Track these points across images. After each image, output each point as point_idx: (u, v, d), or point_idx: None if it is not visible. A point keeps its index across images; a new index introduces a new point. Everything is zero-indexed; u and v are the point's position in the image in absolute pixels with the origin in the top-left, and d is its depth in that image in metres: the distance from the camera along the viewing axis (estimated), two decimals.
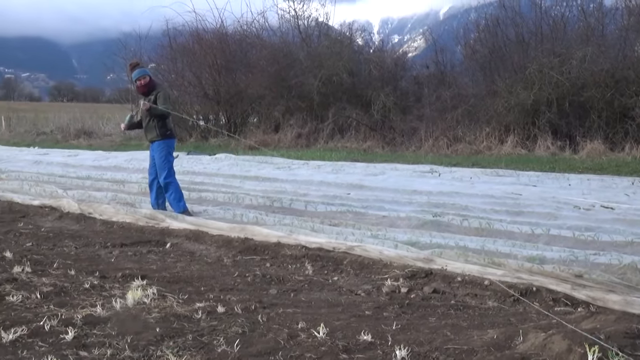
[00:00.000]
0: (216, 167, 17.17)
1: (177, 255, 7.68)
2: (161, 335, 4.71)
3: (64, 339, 4.63)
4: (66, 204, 10.72)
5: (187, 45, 29.81)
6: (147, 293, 5.68)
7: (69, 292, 5.91)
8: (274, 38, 30.17)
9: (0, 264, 6.99)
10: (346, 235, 8.31)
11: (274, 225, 9.13)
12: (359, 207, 10.70)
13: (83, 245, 8.18)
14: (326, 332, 4.70)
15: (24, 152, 23.55)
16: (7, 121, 38.88)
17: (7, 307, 5.43)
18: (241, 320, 5.05)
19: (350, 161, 18.65)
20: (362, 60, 28.07)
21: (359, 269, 6.84)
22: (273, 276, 6.60)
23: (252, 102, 27.75)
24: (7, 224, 9.66)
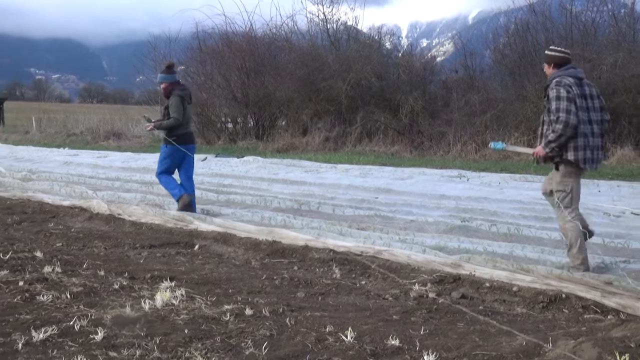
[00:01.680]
0: (244, 170, 17.22)
1: (205, 257, 7.70)
2: (190, 337, 4.73)
3: (94, 339, 4.66)
4: (96, 205, 10.79)
5: (217, 48, 29.92)
6: (176, 294, 5.70)
7: (98, 293, 5.95)
8: (303, 41, 30.20)
9: (31, 263, 7.05)
10: (374, 240, 8.30)
11: (302, 228, 9.14)
12: (387, 211, 10.68)
13: (112, 246, 8.23)
14: (354, 336, 4.70)
15: (55, 153, 23.73)
16: (37, 122, 39.17)
17: (38, 306, 5.48)
18: (269, 323, 5.06)
19: (378, 165, 18.63)
20: (391, 64, 28.04)
21: (387, 273, 6.83)
22: (301, 279, 6.61)
23: (280, 105, 27.80)
24: (38, 224, 9.74)
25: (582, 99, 7.10)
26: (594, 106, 7.19)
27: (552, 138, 6.96)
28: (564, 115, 6.86)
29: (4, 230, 9.18)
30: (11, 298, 5.69)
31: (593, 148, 7.05)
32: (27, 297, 5.71)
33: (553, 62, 7.37)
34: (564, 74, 7.19)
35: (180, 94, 10.66)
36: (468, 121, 23.29)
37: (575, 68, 7.41)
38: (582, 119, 6.98)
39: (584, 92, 7.18)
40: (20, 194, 12.48)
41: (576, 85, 7.12)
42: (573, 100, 6.94)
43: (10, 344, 4.56)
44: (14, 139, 32.50)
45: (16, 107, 57.48)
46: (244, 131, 28.60)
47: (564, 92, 6.95)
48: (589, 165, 7.07)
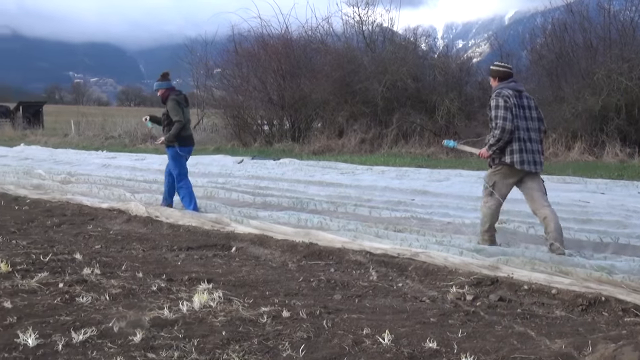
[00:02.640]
0: (280, 172, 17.26)
1: (242, 260, 7.72)
2: (227, 339, 4.75)
3: (132, 340, 4.70)
4: (134, 207, 10.87)
5: (253, 50, 30.07)
6: (213, 297, 5.73)
7: (136, 295, 6.00)
8: (339, 43, 30.25)
9: (71, 265, 7.13)
10: (410, 242, 8.28)
11: (339, 230, 9.14)
12: (424, 213, 10.65)
13: (150, 248, 8.28)
14: (391, 339, 4.69)
15: (93, 156, 23.96)
16: (76, 125, 39.61)
17: (77, 308, 5.53)
18: (306, 325, 5.06)
19: (414, 167, 18.58)
20: (427, 65, 28.01)
21: (424, 275, 6.80)
22: (337, 281, 6.60)
23: (316, 107, 27.84)
24: (77, 226, 9.85)
25: (521, 109, 8.09)
26: (531, 116, 8.21)
27: (492, 142, 8.05)
28: (501, 122, 7.89)
29: (44, 233, 9.29)
30: (51, 299, 5.75)
31: (529, 151, 8.06)
32: (67, 299, 5.77)
33: (497, 75, 8.38)
34: (505, 87, 8.16)
35: (176, 98, 11.17)
36: None
37: (515, 82, 8.41)
38: (520, 126, 8.01)
39: (523, 104, 8.16)
40: (60, 196, 12.61)
41: (515, 96, 8.08)
42: (510, 109, 7.92)
43: (51, 345, 4.61)
44: (54, 142, 32.89)
45: (55, 111, 58.15)
46: (280, 133, 28.69)
47: (502, 101, 7.94)
48: (526, 167, 8.04)
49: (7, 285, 6.22)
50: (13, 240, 8.59)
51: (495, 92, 8.17)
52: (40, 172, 17.37)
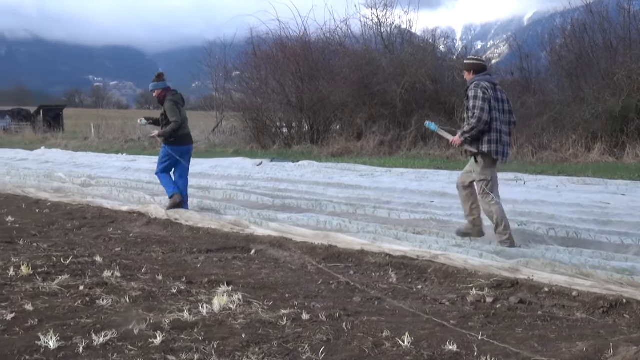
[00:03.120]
0: (299, 174, 17.26)
1: (261, 262, 7.74)
2: (247, 342, 4.76)
3: (153, 343, 4.72)
4: (154, 210, 10.92)
5: (271, 53, 30.10)
6: (233, 299, 5.74)
7: (157, 297, 6.02)
8: (357, 45, 30.23)
9: (91, 268, 7.17)
10: (430, 244, 8.25)
11: (358, 232, 9.13)
12: (443, 215, 10.62)
13: (170, 251, 8.32)
14: (411, 341, 4.68)
15: (113, 159, 24.08)
16: (96, 128, 39.83)
17: (98, 310, 5.56)
18: (326, 327, 5.06)
19: (433, 169, 18.54)
20: (446, 67, 27.91)
21: (444, 277, 6.79)
22: (357, 284, 6.60)
23: (335, 109, 27.83)
24: (98, 229, 9.90)
25: (496, 101, 8.34)
26: (504, 108, 8.47)
27: (467, 130, 8.28)
28: (478, 112, 8.13)
29: (65, 235, 9.35)
30: (72, 302, 5.79)
31: (503, 143, 8.33)
32: (88, 302, 5.80)
33: (472, 69, 8.66)
34: (482, 79, 8.44)
35: (173, 98, 11.37)
36: (524, 124, 23.00)
37: (490, 75, 8.81)
38: (496, 117, 8.27)
39: (497, 96, 8.41)
40: (80, 199, 12.69)
41: (491, 89, 8.34)
42: (488, 101, 8.19)
43: (72, 348, 4.64)
44: (74, 145, 33.08)
45: (75, 114, 58.51)
46: (299, 136, 28.70)
47: (481, 93, 8.21)
48: (500, 157, 8.33)
49: (29, 288, 6.27)
50: (34, 243, 8.65)
51: (473, 83, 8.42)
52: (60, 175, 17.48)
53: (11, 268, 6.95)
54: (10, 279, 6.64)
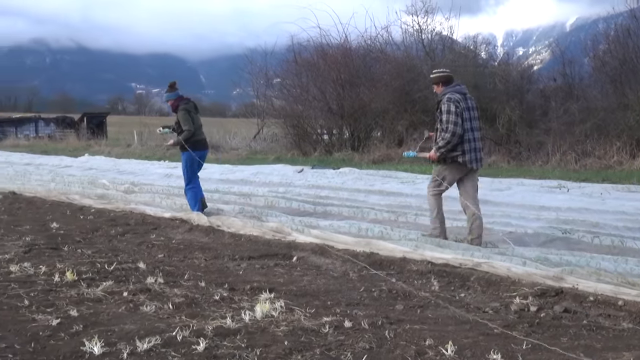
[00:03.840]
0: (340, 181, 17.25)
1: (303, 269, 7.74)
2: (289, 349, 4.76)
3: (196, 349, 4.74)
4: (196, 217, 10.98)
5: (312, 60, 30.16)
6: (275, 306, 5.75)
7: (199, 304, 6.05)
8: (398, 52, 30.20)
9: (135, 274, 7.23)
10: (472, 252, 8.20)
11: (400, 240, 9.10)
12: (485, 223, 10.51)
13: (212, 258, 8.35)
14: (454, 350, 4.65)
15: (155, 166, 24.25)
16: (139, 135, 40.15)
17: (142, 316, 5.61)
18: (368, 335, 5.05)
19: None
20: (487, 73, 27.75)
21: (486, 286, 6.73)
22: (399, 291, 6.57)
23: (375, 116, 27.80)
24: (140, 235, 9.98)
25: (467, 111, 8.79)
26: (474, 116, 8.93)
27: (442, 144, 8.79)
28: (452, 126, 8.61)
29: (109, 242, 9.44)
30: (116, 308, 5.85)
31: (476, 150, 8.87)
32: (132, 307, 5.86)
33: (441, 81, 9.11)
34: (452, 91, 8.87)
35: (185, 107, 11.86)
36: (567, 130, 22.80)
37: (460, 85, 9.13)
38: (467, 128, 8.75)
39: (468, 105, 8.85)
40: (124, 206, 12.81)
41: (462, 100, 8.78)
42: (460, 114, 8.66)
43: (116, 354, 4.68)
44: (117, 152, 33.40)
45: (118, 121, 59.18)
46: (340, 142, 28.69)
47: (454, 107, 8.64)
48: (474, 165, 8.90)
49: (74, 294, 6.34)
50: (79, 249, 8.75)
51: (446, 97, 8.81)
52: (104, 182, 17.67)
53: (56, 274, 7.05)
54: (55, 284, 6.72)
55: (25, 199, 14.31)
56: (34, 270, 7.36)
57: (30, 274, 7.21)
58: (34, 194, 15.09)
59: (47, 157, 30.85)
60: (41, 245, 8.98)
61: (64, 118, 58.06)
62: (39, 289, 6.54)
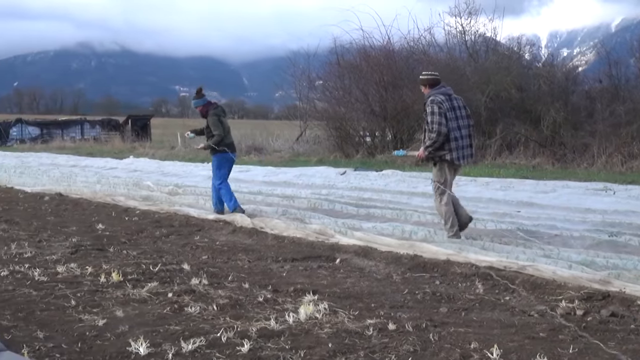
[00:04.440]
0: (383, 184, 17.21)
1: (346, 271, 7.73)
2: (333, 351, 4.76)
3: (240, 351, 4.76)
4: (239, 219, 11.03)
5: (355, 62, 30.07)
6: (319, 308, 5.75)
7: (243, 305, 6.08)
8: (441, 54, 30.00)
9: (179, 275, 7.29)
10: (517, 254, 8.14)
11: (443, 242, 9.06)
12: (530, 225, 10.46)
13: (256, 259, 8.38)
14: (500, 354, 4.61)
15: (199, 168, 24.39)
16: (182, 138, 40.40)
17: (186, 317, 5.65)
18: (412, 338, 5.03)
19: (519, 178, 18.23)
20: (531, 75, 27.48)
21: (531, 289, 6.66)
22: (443, 294, 6.53)
23: (418, 118, 27.61)
24: (185, 237, 10.05)
25: (452, 111, 9.38)
26: (461, 115, 9.52)
27: (429, 144, 9.40)
28: (436, 126, 9.23)
29: (153, 243, 9.52)
30: (161, 309, 5.90)
31: (463, 147, 9.41)
32: (176, 309, 5.91)
33: (427, 83, 9.69)
34: (437, 92, 9.45)
35: (215, 112, 12.34)
36: (613, 132, 22.50)
37: (445, 87, 9.71)
38: (452, 127, 9.31)
39: (453, 105, 9.46)
40: (168, 207, 12.92)
41: (447, 100, 9.38)
42: (444, 115, 9.24)
43: (161, 354, 4.72)
44: (161, 155, 33.66)
45: (162, 124, 59.64)
46: (382, 144, 28.58)
47: (437, 108, 9.24)
48: (462, 161, 9.51)
49: (119, 295, 6.41)
50: (124, 250, 8.84)
51: (429, 99, 9.41)
52: (148, 183, 17.84)
53: (102, 275, 7.13)
54: (101, 285, 6.80)
55: (72, 200, 14.48)
56: (81, 271, 7.45)
57: (77, 275, 7.30)
58: (80, 195, 15.26)
59: (93, 159, 31.20)
60: (87, 246, 9.10)
61: (109, 120, 58.76)
62: (86, 290, 6.62)
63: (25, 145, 50.58)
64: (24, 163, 29.20)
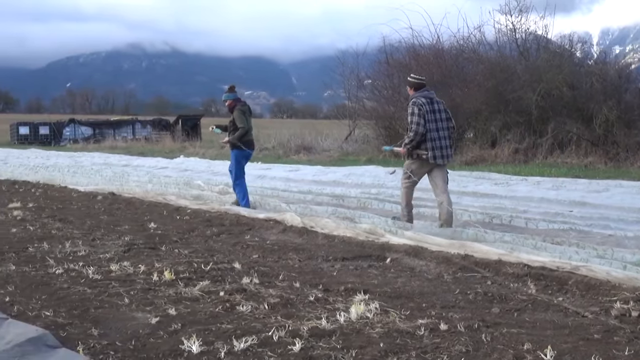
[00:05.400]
0: None
1: (397, 271, 7.70)
2: (385, 351, 4.75)
3: (292, 350, 4.77)
4: (289, 218, 11.06)
5: (404, 61, 30.01)
6: (370, 308, 5.74)
7: (294, 304, 6.09)
8: (491, 52, 29.77)
9: (230, 274, 7.32)
10: (570, 254, 8.04)
11: (494, 242, 8.99)
12: (583, 225, 10.34)
13: (306, 259, 8.38)
14: (554, 355, 4.55)
15: (248, 167, 24.20)
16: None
17: (238, 316, 5.68)
18: (464, 338, 4.99)
19: (570, 177, 18.04)
20: (583, 72, 27.12)
21: (585, 289, 6.57)
22: (495, 294, 6.48)
23: (468, 117, 27.49)
24: (235, 236, 10.10)
25: (432, 113, 10.27)
26: (441, 118, 10.39)
27: (407, 142, 10.37)
28: (414, 126, 10.16)
29: (204, 242, 9.59)
30: (213, 307, 5.94)
31: (441, 147, 10.31)
32: (228, 307, 5.93)
33: (413, 86, 10.61)
34: (419, 95, 10.38)
35: (242, 108, 13.16)
36: None
37: (428, 90, 10.63)
38: (431, 128, 10.22)
39: (434, 108, 10.34)
40: (218, 206, 12.99)
41: (427, 103, 10.26)
42: (423, 116, 10.12)
43: (214, 352, 4.74)
44: (211, 154, 33.92)
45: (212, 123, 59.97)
46: None
47: (417, 109, 10.16)
48: (438, 160, 10.33)
49: (172, 293, 6.47)
50: (176, 249, 8.92)
51: (411, 101, 10.35)
52: (199, 183, 18.00)
53: (155, 273, 7.20)
54: (154, 283, 6.87)
55: (124, 199, 14.66)
56: (134, 269, 7.54)
57: (130, 273, 7.39)
58: (132, 194, 15.44)
59: (144, 159, 31.59)
60: (140, 244, 9.20)
61: (159, 120, 59.50)
62: (139, 288, 6.70)
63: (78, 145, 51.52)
64: (77, 163, 29.68)
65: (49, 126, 59.03)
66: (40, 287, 6.79)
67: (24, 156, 35.76)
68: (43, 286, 6.81)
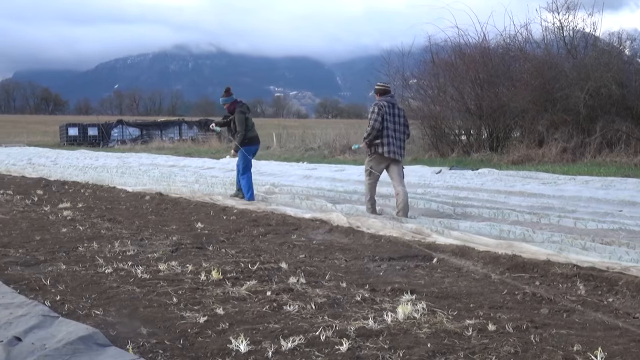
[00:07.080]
0: (479, 182, 17.04)
1: (444, 271, 7.66)
2: (432, 351, 4.73)
3: (339, 350, 4.77)
4: (335, 218, 11.06)
5: (449, 60, 29.85)
6: (417, 308, 5.72)
7: (341, 304, 6.09)
8: (538, 50, 29.47)
9: (277, 274, 7.35)
10: (620, 255, 7.93)
11: (542, 242, 8.90)
12: (633, 225, 10.19)
13: (352, 258, 8.38)
14: (604, 357, 4.49)
15: (294, 167, 24.60)
16: (277, 137, 40.86)
17: (285, 316, 5.69)
18: (513, 339, 4.95)
19: (620, 176, 17.79)
20: (632, 70, 26.73)
21: (636, 290, 6.47)
22: (543, 295, 6.41)
23: (515, 116, 27.28)
24: (282, 235, 10.14)
25: (391, 116, 11.64)
26: (399, 122, 11.76)
27: (365, 135, 11.76)
28: (372, 122, 11.52)
29: (251, 242, 9.63)
30: (260, 307, 5.96)
31: (394, 145, 11.62)
32: (275, 307, 5.95)
33: (378, 92, 11.90)
34: (382, 99, 11.72)
35: (241, 109, 14.29)
36: None
37: (392, 97, 12.08)
38: (388, 126, 11.55)
39: (394, 112, 11.72)
40: (265, 206, 13.04)
41: (388, 107, 11.62)
42: (382, 115, 11.47)
43: (261, 352, 4.76)
44: (257, 154, 34.02)
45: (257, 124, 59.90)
46: (478, 143, 28.31)
47: (377, 109, 11.53)
48: (392, 155, 11.64)
49: (219, 292, 6.51)
50: (223, 249, 8.97)
51: (374, 103, 11.74)
52: None
53: (202, 273, 7.25)
54: (202, 283, 6.92)
55: (171, 199, 14.78)
56: (181, 268, 7.60)
57: (178, 273, 7.45)
58: (179, 194, 15.57)
59: (191, 159, 31.84)
60: (187, 244, 9.28)
61: (205, 121, 59.81)
62: (186, 287, 6.75)
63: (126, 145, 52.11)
64: (125, 163, 30.03)
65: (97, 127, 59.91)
66: (90, 286, 6.88)
67: (73, 157, 36.27)
68: (93, 285, 6.91)
